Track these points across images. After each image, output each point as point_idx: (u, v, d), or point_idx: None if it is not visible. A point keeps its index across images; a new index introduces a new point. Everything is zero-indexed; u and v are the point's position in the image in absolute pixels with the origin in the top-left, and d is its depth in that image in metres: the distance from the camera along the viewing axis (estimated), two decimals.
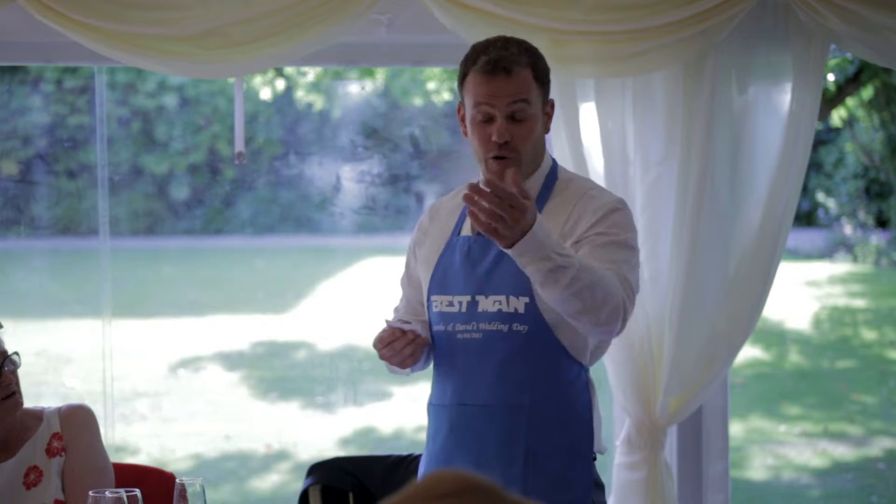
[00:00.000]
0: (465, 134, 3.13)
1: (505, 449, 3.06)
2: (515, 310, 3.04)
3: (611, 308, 2.92)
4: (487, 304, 3.06)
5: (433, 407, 3.18)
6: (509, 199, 2.74)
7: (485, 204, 2.74)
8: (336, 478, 3.74)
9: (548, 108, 3.12)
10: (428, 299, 3.17)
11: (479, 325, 3.06)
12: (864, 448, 8.30)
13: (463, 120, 3.13)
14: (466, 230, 3.16)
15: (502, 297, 3.05)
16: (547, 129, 3.14)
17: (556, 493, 3.07)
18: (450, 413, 3.11)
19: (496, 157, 3.05)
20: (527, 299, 3.03)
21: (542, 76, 3.09)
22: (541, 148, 3.14)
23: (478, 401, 3.08)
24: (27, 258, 7.37)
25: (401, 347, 3.03)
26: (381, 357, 3.09)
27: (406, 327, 3.04)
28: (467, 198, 2.76)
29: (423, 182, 7.59)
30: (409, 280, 3.30)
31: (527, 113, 3.05)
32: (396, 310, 3.36)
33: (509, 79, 3.03)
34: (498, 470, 3.01)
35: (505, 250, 2.84)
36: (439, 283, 3.14)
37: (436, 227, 3.23)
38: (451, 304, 3.11)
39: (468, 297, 3.08)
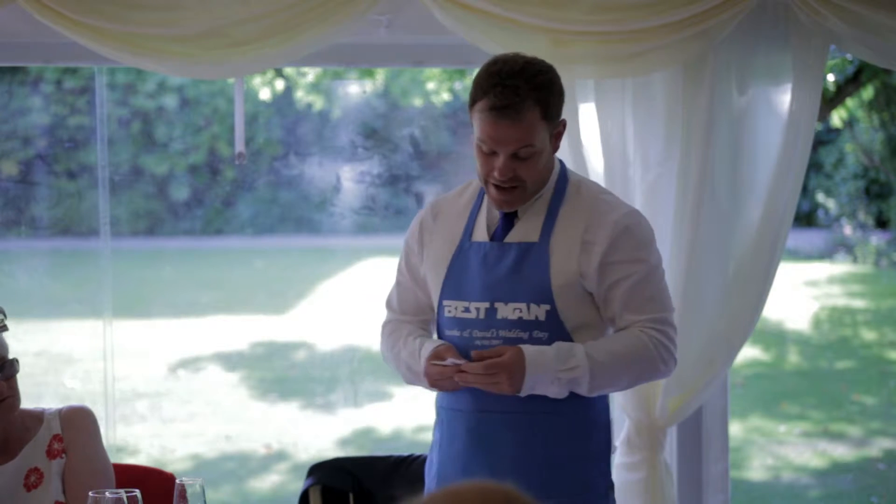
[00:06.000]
0: None
1: (525, 454, 3.06)
2: (536, 317, 3.04)
3: (646, 372, 3.07)
4: (507, 311, 3.05)
5: (446, 410, 3.16)
6: (488, 370, 2.95)
7: (473, 380, 2.97)
8: (336, 478, 3.74)
9: (559, 127, 3.08)
10: (440, 304, 3.15)
11: (498, 332, 3.06)
12: (864, 448, 8.30)
13: None
14: (479, 235, 3.14)
15: (522, 305, 3.04)
16: (556, 149, 3.11)
17: (575, 495, 3.08)
18: (467, 419, 3.11)
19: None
20: (548, 307, 3.03)
21: (551, 111, 3.03)
22: (547, 171, 3.11)
23: (498, 407, 3.07)
24: (27, 258, 7.37)
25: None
26: (433, 385, 3.12)
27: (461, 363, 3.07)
28: (461, 379, 2.98)
29: (422, 182, 7.59)
30: (411, 276, 3.26)
31: (531, 152, 3.02)
32: (389, 304, 3.34)
33: (514, 126, 2.98)
34: (517, 474, 3.01)
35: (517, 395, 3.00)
36: (453, 288, 3.12)
37: (442, 227, 3.20)
38: (466, 310, 3.09)
39: (486, 304, 3.07)
